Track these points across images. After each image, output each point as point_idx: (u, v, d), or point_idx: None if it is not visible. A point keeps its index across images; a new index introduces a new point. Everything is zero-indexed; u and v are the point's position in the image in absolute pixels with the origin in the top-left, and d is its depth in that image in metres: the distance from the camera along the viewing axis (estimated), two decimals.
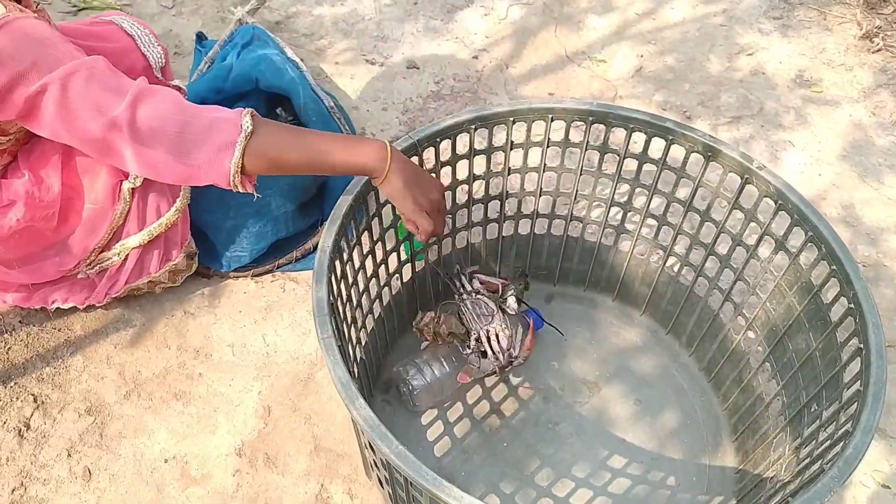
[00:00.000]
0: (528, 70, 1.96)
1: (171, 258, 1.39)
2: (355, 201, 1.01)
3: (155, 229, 1.32)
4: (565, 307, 1.46)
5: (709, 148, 1.10)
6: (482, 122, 1.14)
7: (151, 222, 1.32)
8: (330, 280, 0.93)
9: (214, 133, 0.93)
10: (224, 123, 0.94)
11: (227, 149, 0.93)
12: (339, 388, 0.82)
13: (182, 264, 1.41)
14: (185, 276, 1.45)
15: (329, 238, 0.95)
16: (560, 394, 1.33)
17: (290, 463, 1.25)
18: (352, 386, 0.81)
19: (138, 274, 1.37)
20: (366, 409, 0.80)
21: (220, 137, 0.93)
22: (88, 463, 1.25)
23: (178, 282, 1.45)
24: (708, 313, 1.30)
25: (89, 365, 1.37)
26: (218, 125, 0.94)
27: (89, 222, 1.29)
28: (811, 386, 1.01)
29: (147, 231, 1.32)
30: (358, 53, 1.99)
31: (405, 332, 1.40)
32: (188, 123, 0.93)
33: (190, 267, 1.45)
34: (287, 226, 1.50)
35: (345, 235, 1.01)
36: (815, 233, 1.00)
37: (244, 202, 1.43)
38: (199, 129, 0.93)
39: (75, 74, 0.93)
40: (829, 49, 2.04)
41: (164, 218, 1.32)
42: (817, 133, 1.82)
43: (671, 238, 1.28)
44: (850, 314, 0.94)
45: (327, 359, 0.84)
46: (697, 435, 1.28)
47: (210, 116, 0.95)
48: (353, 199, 1.00)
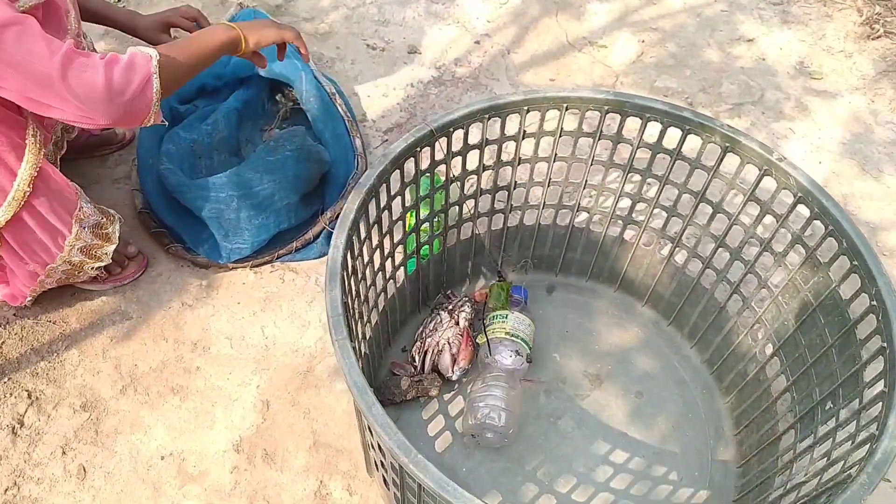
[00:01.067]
0: (530, 56, 1.93)
1: (68, 233, 1.24)
2: (367, 195, 0.98)
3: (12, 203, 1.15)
4: (567, 297, 1.44)
5: (727, 139, 1.08)
6: (496, 112, 1.11)
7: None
8: (343, 278, 0.90)
9: (134, 73, 1.03)
10: (139, 60, 1.05)
11: (147, 82, 1.04)
12: (355, 393, 0.79)
13: (87, 238, 1.27)
14: (108, 248, 1.32)
15: (342, 234, 0.92)
16: (561, 387, 1.32)
17: (288, 459, 1.23)
18: (368, 392, 0.79)
19: (33, 255, 1.23)
20: (383, 415, 0.77)
21: (139, 74, 1.04)
22: (83, 461, 1.22)
23: (103, 259, 1.32)
24: (714, 305, 1.29)
25: (85, 359, 1.33)
26: (134, 66, 1.04)
27: None
28: (826, 383, 1.00)
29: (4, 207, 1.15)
30: (359, 38, 1.94)
31: (406, 323, 1.38)
32: (111, 78, 1.01)
33: (126, 266, 1.38)
34: (289, 217, 1.47)
35: (356, 231, 0.97)
36: (836, 227, 0.98)
37: (246, 194, 1.39)
38: (121, 74, 1.02)
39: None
40: (829, 36, 2.02)
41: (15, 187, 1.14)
42: (817, 121, 1.81)
43: (680, 229, 1.26)
44: (873, 311, 0.92)
45: (343, 362, 0.81)
46: (699, 429, 1.27)
47: (125, 63, 1.03)
48: (365, 194, 0.96)
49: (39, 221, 1.19)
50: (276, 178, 1.40)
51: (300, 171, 1.44)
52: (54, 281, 1.30)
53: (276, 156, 1.40)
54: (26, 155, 1.12)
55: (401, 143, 1.02)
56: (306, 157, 1.43)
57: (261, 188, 1.39)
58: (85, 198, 1.27)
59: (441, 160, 1.13)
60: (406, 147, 1.02)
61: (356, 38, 1.94)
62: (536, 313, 1.40)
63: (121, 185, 1.59)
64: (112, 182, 1.59)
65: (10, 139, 1.10)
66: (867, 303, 0.94)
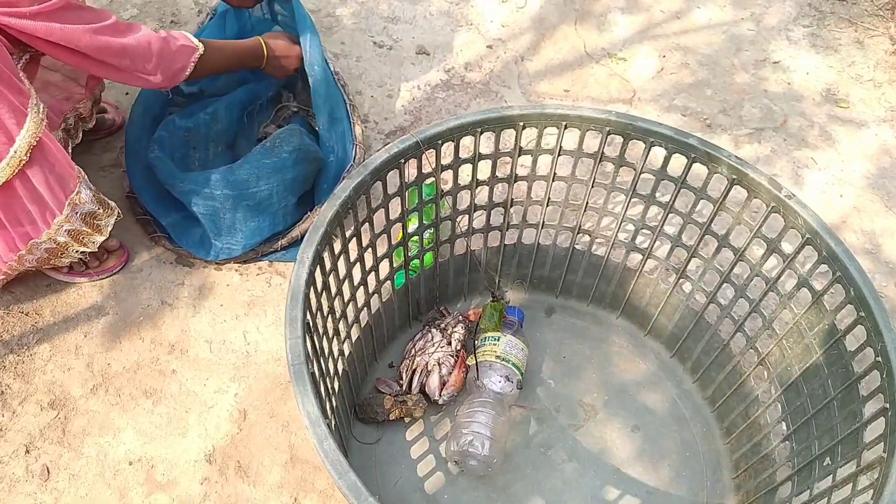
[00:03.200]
0: (544, 64, 1.86)
1: (58, 212, 1.20)
2: (342, 208, 0.92)
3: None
4: (566, 321, 1.38)
5: (735, 170, 1.01)
6: (489, 125, 1.05)
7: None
8: (308, 296, 0.84)
9: (177, 58, 1.24)
10: (186, 48, 1.25)
11: (182, 70, 1.26)
12: (306, 423, 0.74)
13: (75, 222, 1.22)
14: (109, 220, 1.29)
15: (309, 249, 0.86)
16: (554, 415, 1.25)
17: (262, 473, 1.18)
18: (321, 424, 0.73)
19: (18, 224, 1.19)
20: (335, 451, 0.72)
21: (181, 61, 1.25)
22: (48, 461, 1.18)
23: (103, 232, 1.29)
24: (717, 341, 1.22)
25: (56, 354, 1.29)
26: (180, 52, 1.25)
27: None
28: (825, 437, 0.93)
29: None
30: (366, 34, 1.88)
31: (395, 338, 1.33)
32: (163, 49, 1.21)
33: (99, 230, 1.28)
34: (285, 220, 1.42)
35: (329, 245, 0.92)
36: (845, 274, 0.91)
37: (242, 195, 1.34)
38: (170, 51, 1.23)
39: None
40: (858, 63, 1.93)
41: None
42: (841, 152, 1.73)
43: (685, 260, 1.19)
44: (877, 368, 0.85)
45: (296, 389, 0.76)
46: (697, 469, 1.21)
47: (178, 46, 1.24)
48: (339, 206, 0.91)
49: (31, 193, 1.16)
50: (274, 180, 1.35)
51: (298, 173, 1.39)
52: (34, 259, 1.25)
53: (274, 158, 1.34)
54: (27, 123, 1.10)
55: (383, 153, 0.97)
56: (304, 157, 1.38)
57: (257, 190, 1.34)
58: (87, 183, 1.24)
59: (429, 173, 1.07)
60: (388, 158, 0.97)
61: (363, 35, 1.88)
62: (533, 336, 1.34)
63: (106, 172, 1.55)
64: (98, 169, 1.54)
65: (11, 105, 1.08)
66: (872, 358, 0.87)
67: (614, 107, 1.77)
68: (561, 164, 1.15)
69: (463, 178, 1.15)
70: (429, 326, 1.31)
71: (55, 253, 1.26)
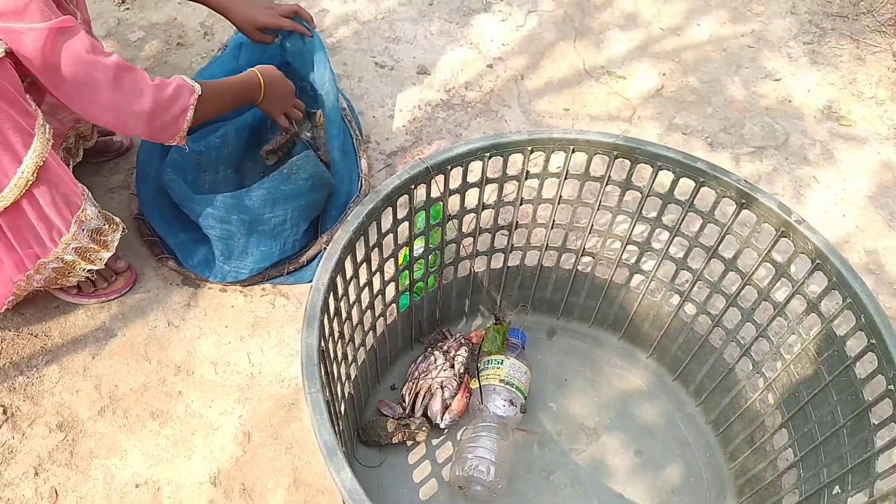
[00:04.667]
0: (544, 83, 1.87)
1: (64, 231, 1.20)
2: (355, 234, 0.92)
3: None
4: (568, 343, 1.38)
5: (743, 194, 1.02)
6: (498, 151, 1.05)
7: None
8: (322, 323, 0.85)
9: (177, 103, 1.19)
10: (184, 91, 1.20)
11: (184, 113, 1.20)
12: (324, 453, 0.74)
13: (82, 239, 1.22)
14: (114, 235, 1.29)
15: (325, 276, 0.86)
16: (556, 439, 1.25)
17: (266, 496, 1.18)
18: (338, 453, 0.73)
19: (27, 245, 1.19)
20: (352, 480, 0.72)
21: (179, 104, 1.19)
22: (56, 483, 1.18)
23: (110, 247, 1.29)
24: (722, 365, 1.22)
25: (65, 376, 1.29)
26: (178, 96, 1.19)
27: None
28: (834, 466, 0.93)
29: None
30: (367, 55, 1.89)
31: (397, 360, 1.33)
32: (157, 101, 1.16)
33: (106, 245, 1.28)
34: (293, 245, 1.43)
35: (342, 271, 0.92)
36: (855, 300, 0.91)
37: (257, 219, 1.34)
38: (166, 101, 1.17)
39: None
40: (860, 80, 1.95)
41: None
42: (843, 170, 1.74)
43: (690, 283, 1.20)
44: (889, 396, 0.85)
45: (313, 419, 0.76)
46: (700, 494, 1.20)
47: (171, 91, 1.18)
48: (352, 233, 0.91)
49: (38, 213, 1.16)
50: (290, 206, 1.35)
51: (312, 199, 1.39)
52: (42, 279, 1.25)
53: (291, 185, 1.34)
54: (34, 143, 1.10)
55: (394, 179, 0.97)
56: (319, 183, 1.39)
57: (273, 216, 1.34)
58: (91, 200, 1.24)
59: (437, 198, 1.08)
60: (399, 185, 0.97)
61: (365, 55, 1.89)
62: (535, 358, 1.34)
63: (115, 193, 1.55)
64: (106, 190, 1.55)
65: (19, 126, 1.08)
66: (884, 386, 0.87)
67: (614, 125, 1.78)
68: (566, 187, 1.15)
69: (469, 201, 1.16)
70: (431, 348, 1.31)
71: (62, 272, 1.26)
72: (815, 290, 1.01)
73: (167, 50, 1.85)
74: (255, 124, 1.57)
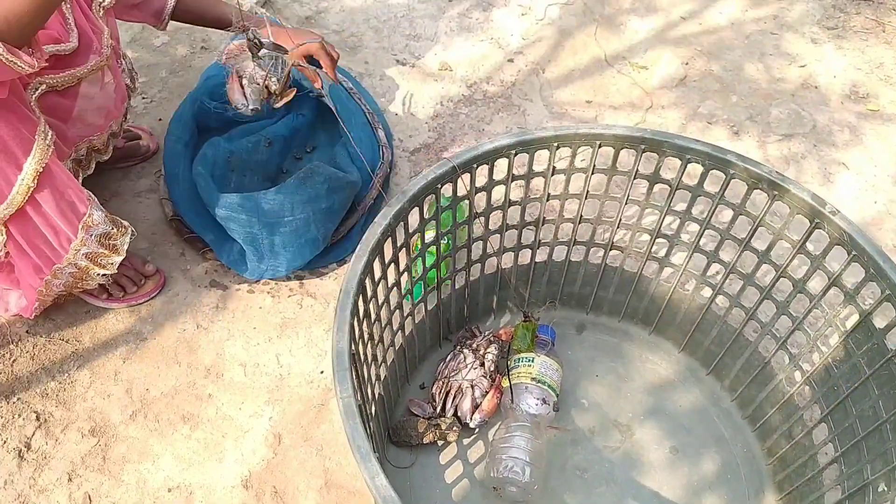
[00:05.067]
0: (565, 75, 1.85)
1: (73, 236, 1.19)
2: (383, 236, 0.92)
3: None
4: (598, 338, 1.37)
5: (774, 185, 0.99)
6: (524, 147, 1.04)
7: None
8: (352, 326, 0.84)
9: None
10: None
11: None
12: (358, 459, 0.73)
13: (91, 244, 1.22)
14: (124, 239, 1.28)
15: (354, 278, 0.86)
16: (589, 437, 1.24)
17: (298, 498, 1.18)
18: (372, 459, 0.73)
19: (38, 252, 1.19)
20: (386, 487, 0.71)
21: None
22: (89, 489, 1.19)
23: (120, 252, 1.27)
24: (758, 359, 1.20)
25: (96, 381, 1.30)
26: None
27: None
28: (878, 462, 0.91)
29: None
30: (389, 52, 1.88)
31: (426, 359, 1.32)
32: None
33: (116, 250, 1.27)
34: (326, 242, 1.43)
35: (370, 273, 0.91)
36: (894, 291, 0.89)
37: (278, 223, 1.34)
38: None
39: None
40: (886, 63, 1.90)
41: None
42: (873, 155, 1.70)
43: (722, 276, 1.18)
44: None
45: (346, 424, 0.75)
46: (739, 492, 1.18)
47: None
48: (380, 234, 0.90)
49: (45, 219, 1.16)
50: (310, 209, 1.35)
51: (333, 202, 1.39)
52: (62, 284, 1.26)
53: (308, 189, 1.34)
54: (33, 150, 1.09)
55: (420, 179, 0.96)
56: (337, 186, 1.38)
57: (293, 219, 1.35)
58: (97, 206, 1.24)
59: (463, 196, 1.07)
60: (425, 185, 0.96)
61: (386, 53, 1.88)
62: (564, 354, 1.32)
63: (142, 198, 1.56)
64: (134, 195, 1.56)
65: (19, 133, 1.07)
66: None
67: (637, 115, 1.76)
68: (593, 181, 1.14)
69: (495, 198, 1.14)
70: (460, 346, 1.30)
71: (79, 277, 1.27)
72: (852, 281, 0.99)
73: (192, 54, 1.86)
74: (289, 136, 1.57)
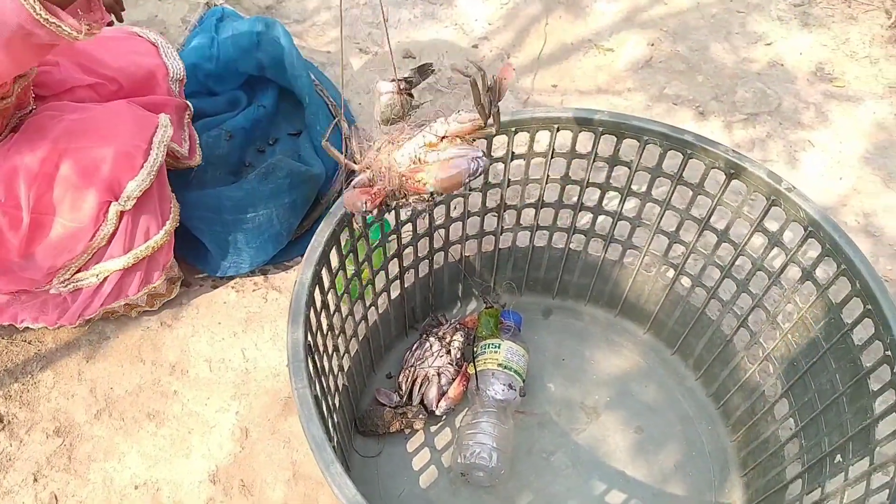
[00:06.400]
0: (531, 60, 1.84)
1: (152, 281, 1.30)
2: (339, 226, 0.91)
3: (141, 252, 1.24)
4: (564, 322, 1.37)
5: (732, 165, 0.99)
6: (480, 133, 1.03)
7: (138, 245, 1.24)
8: (308, 317, 0.83)
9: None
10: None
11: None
12: (313, 448, 0.73)
13: (162, 288, 1.33)
14: (163, 300, 1.37)
15: (308, 270, 0.85)
16: (556, 420, 1.24)
17: (266, 491, 1.17)
18: (327, 448, 0.72)
19: (115, 296, 1.29)
20: (341, 475, 0.71)
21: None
22: (55, 489, 1.17)
23: (155, 306, 1.36)
24: (720, 337, 1.21)
25: (60, 381, 1.28)
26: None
27: (62, 240, 1.19)
28: (835, 434, 0.92)
29: (132, 254, 1.24)
30: (351, 41, 1.86)
31: (392, 348, 1.32)
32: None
33: (171, 291, 1.36)
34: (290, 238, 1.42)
35: (327, 264, 0.90)
36: (849, 266, 0.90)
37: (244, 219, 1.33)
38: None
39: None
40: (853, 40, 1.91)
41: (151, 241, 1.25)
42: (839, 132, 1.71)
43: (683, 256, 1.18)
44: (887, 362, 0.84)
45: (301, 414, 0.75)
46: (703, 468, 1.19)
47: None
48: (335, 225, 0.90)
49: (141, 266, 1.26)
50: (272, 205, 1.34)
51: (296, 197, 1.38)
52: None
53: (270, 184, 1.34)
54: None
55: None
56: (299, 181, 1.37)
57: (255, 214, 1.34)
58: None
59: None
60: None
61: (348, 42, 1.86)
62: (531, 339, 1.32)
63: None
64: None
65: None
66: (881, 352, 0.85)
67: (604, 99, 1.75)
68: (553, 166, 1.13)
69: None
70: (426, 335, 1.30)
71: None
72: (810, 258, 0.99)
73: None
74: (250, 128, 1.55)
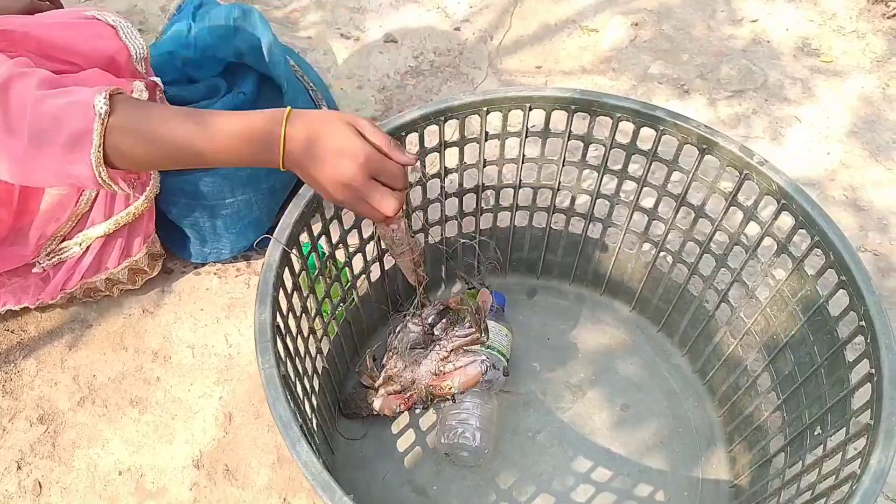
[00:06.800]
0: (514, 41, 1.82)
1: (132, 253, 1.30)
2: (308, 207, 0.90)
3: (122, 218, 1.24)
4: (549, 302, 1.36)
5: (704, 140, 0.99)
6: (452, 114, 1.02)
7: (119, 211, 1.24)
8: (276, 299, 0.83)
9: (64, 122, 0.75)
10: (75, 108, 0.75)
11: (83, 138, 0.75)
12: (280, 427, 0.73)
13: (143, 262, 1.32)
14: (146, 278, 1.36)
15: (276, 251, 0.84)
16: (541, 399, 1.24)
17: (250, 475, 1.17)
18: (293, 427, 0.72)
19: (96, 268, 1.29)
20: (308, 453, 0.71)
21: (72, 126, 0.75)
22: (39, 476, 1.18)
23: (138, 283, 1.36)
24: (703, 313, 1.20)
25: (42, 369, 1.29)
26: (68, 112, 0.75)
27: (51, 209, 1.20)
28: (814, 406, 0.92)
29: (113, 220, 1.24)
30: (332, 26, 1.85)
31: (375, 330, 1.32)
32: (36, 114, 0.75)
33: (153, 268, 1.36)
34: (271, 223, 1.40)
35: (297, 245, 0.90)
36: (823, 238, 0.89)
37: (222, 205, 1.32)
38: (47, 119, 0.75)
39: None
40: (839, 14, 1.89)
41: (132, 207, 1.24)
42: (825, 107, 1.70)
43: (663, 233, 1.17)
44: (861, 332, 0.83)
45: (267, 393, 0.75)
46: (690, 444, 1.19)
47: (58, 104, 0.76)
48: (304, 206, 0.89)
49: (121, 233, 1.27)
50: (250, 190, 1.32)
51: (275, 182, 1.36)
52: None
53: (248, 169, 1.31)
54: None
55: None
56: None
57: (234, 200, 1.32)
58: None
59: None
60: None
61: (329, 27, 1.85)
62: (516, 319, 1.32)
63: None
64: None
65: None
66: (856, 322, 0.85)
67: (588, 79, 1.74)
68: (529, 144, 1.12)
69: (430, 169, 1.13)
70: (409, 318, 1.29)
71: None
72: (785, 231, 0.98)
73: None
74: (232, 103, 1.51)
